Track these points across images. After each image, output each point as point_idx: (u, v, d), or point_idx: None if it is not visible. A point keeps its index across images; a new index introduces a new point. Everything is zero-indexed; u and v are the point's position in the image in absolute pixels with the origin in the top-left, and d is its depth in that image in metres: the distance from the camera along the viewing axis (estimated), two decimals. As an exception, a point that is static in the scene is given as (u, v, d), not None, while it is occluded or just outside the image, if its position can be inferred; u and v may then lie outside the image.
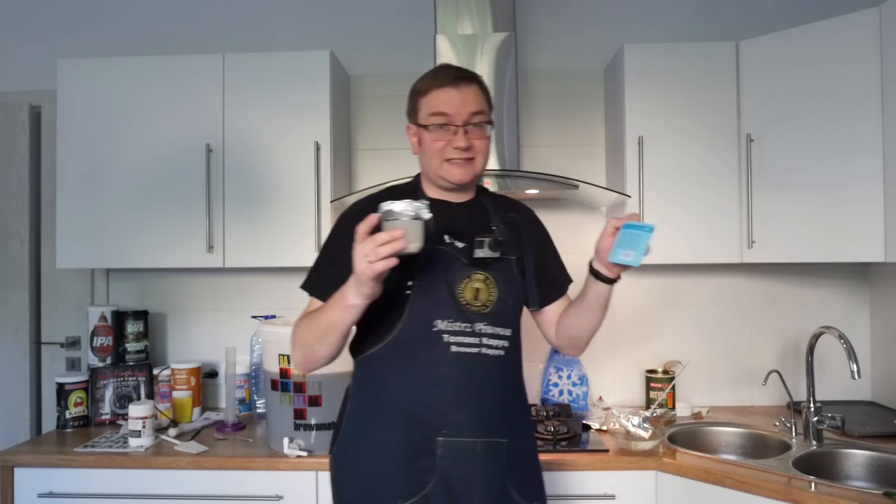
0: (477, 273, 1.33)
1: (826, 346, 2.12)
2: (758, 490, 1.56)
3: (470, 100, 1.33)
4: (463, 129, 1.31)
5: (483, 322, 1.31)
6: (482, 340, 1.31)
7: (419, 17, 2.41)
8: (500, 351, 1.33)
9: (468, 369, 1.30)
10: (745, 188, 2.03)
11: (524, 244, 1.42)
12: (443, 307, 1.30)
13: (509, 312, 1.35)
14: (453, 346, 1.29)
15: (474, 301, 1.32)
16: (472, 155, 1.33)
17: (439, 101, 1.33)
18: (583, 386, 2.30)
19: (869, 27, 1.82)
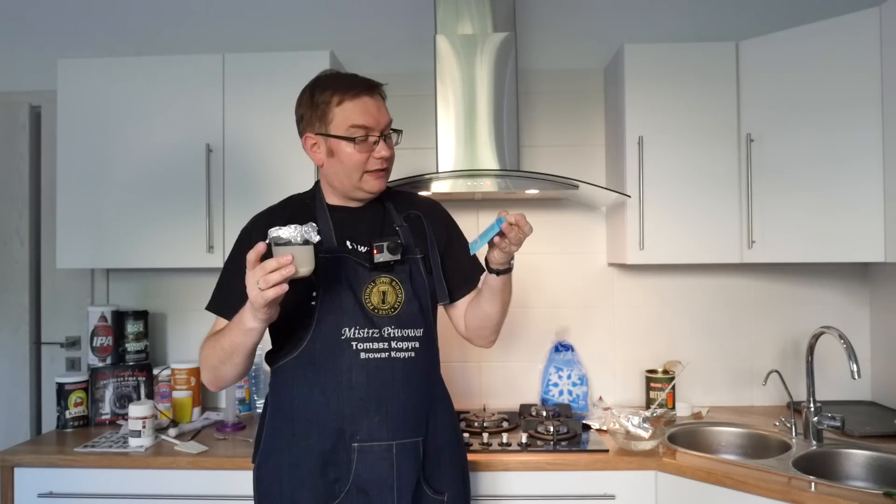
0: (381, 277, 1.34)
1: (826, 346, 2.12)
2: (758, 490, 1.56)
3: (384, 109, 1.37)
4: (383, 139, 1.34)
5: (391, 325, 1.32)
6: (391, 345, 1.32)
7: (419, 17, 2.41)
8: (411, 353, 1.34)
9: (378, 374, 1.31)
10: (745, 188, 2.03)
11: (428, 240, 1.42)
12: (349, 314, 1.31)
13: (419, 312, 1.36)
14: (362, 352, 1.30)
15: (382, 305, 1.33)
16: (388, 165, 1.38)
17: (358, 111, 1.32)
18: (583, 386, 2.30)
19: (869, 27, 1.82)
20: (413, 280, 1.37)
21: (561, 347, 2.34)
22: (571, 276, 2.41)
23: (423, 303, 1.37)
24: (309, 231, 1.15)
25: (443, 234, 1.47)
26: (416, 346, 1.34)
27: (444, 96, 2.13)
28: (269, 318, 1.17)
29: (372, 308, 1.32)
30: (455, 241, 1.49)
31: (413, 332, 1.34)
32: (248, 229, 1.43)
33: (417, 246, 1.39)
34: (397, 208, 1.45)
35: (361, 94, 1.32)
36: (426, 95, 2.35)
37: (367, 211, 1.42)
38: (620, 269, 2.41)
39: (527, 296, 2.39)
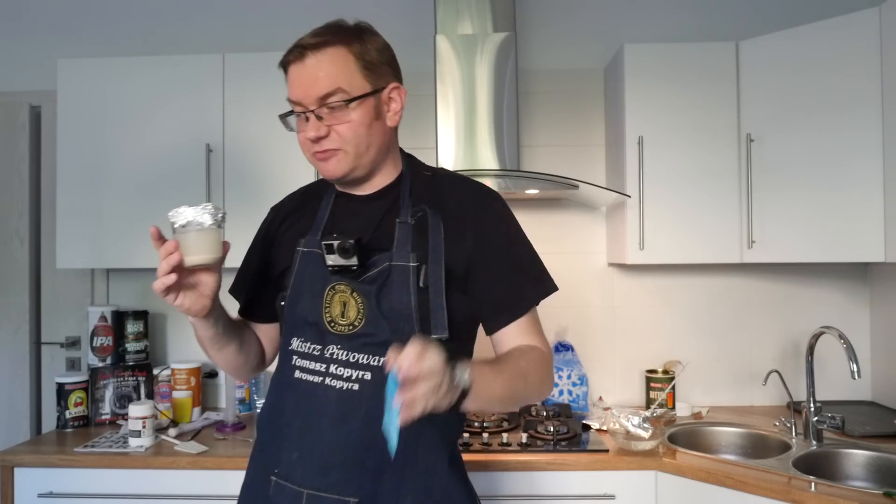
0: (341, 284, 1.08)
1: (826, 346, 2.12)
2: (758, 490, 1.56)
3: (321, 75, 1.05)
4: (315, 115, 1.06)
5: (338, 345, 1.06)
6: (328, 368, 1.06)
7: (419, 17, 2.41)
8: (354, 385, 1.04)
9: (306, 401, 1.07)
10: (745, 188, 2.03)
11: (431, 245, 1.08)
12: (301, 323, 1.11)
13: (387, 336, 1.03)
14: (297, 370, 1.09)
15: (341, 318, 1.07)
16: (337, 144, 1.07)
17: (291, 83, 1.10)
18: (583, 386, 2.29)
19: (869, 27, 1.82)
20: (386, 295, 1.05)
21: (561, 347, 2.34)
22: (571, 276, 2.41)
23: (400, 327, 1.04)
24: (201, 213, 0.98)
25: (465, 241, 1.10)
26: (365, 377, 1.04)
27: (444, 96, 2.13)
28: (193, 312, 1.03)
29: (329, 320, 1.08)
30: (491, 253, 1.11)
31: (367, 360, 1.05)
32: (267, 217, 1.31)
33: (415, 251, 1.07)
34: (416, 196, 1.14)
35: (293, 60, 1.08)
36: (426, 95, 2.35)
37: (375, 201, 1.16)
38: (620, 269, 2.41)
39: (527, 296, 2.39)
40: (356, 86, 1.07)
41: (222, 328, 1.12)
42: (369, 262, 1.07)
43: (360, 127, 1.07)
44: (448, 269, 1.07)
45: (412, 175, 1.18)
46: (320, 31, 1.09)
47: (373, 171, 1.14)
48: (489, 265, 1.10)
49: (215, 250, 1.01)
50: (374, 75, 1.09)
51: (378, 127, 1.10)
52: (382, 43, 1.16)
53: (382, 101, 1.11)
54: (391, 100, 1.13)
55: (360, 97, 1.07)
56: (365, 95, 1.07)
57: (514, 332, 1.12)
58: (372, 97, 1.08)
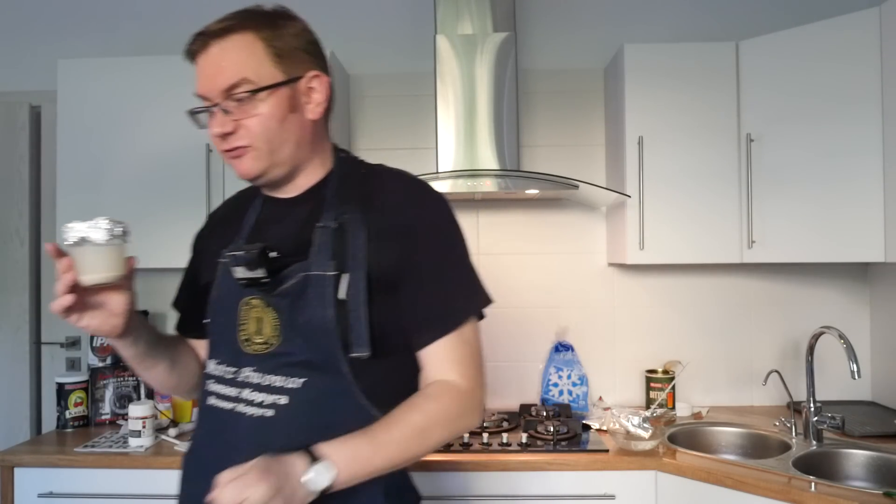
0: (254, 299, 0.98)
1: (826, 346, 2.12)
2: (758, 490, 1.56)
3: (224, 65, 0.96)
4: (221, 109, 0.97)
5: (252, 367, 0.96)
6: (241, 393, 0.96)
7: (419, 17, 2.41)
8: (268, 410, 0.93)
9: (217, 430, 0.97)
10: (745, 188, 2.03)
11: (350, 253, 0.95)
12: (218, 342, 1.02)
13: (305, 355, 0.94)
14: (211, 396, 1.00)
15: (256, 336, 0.97)
16: (247, 142, 0.97)
17: (196, 75, 1.00)
18: (583, 386, 2.30)
19: (869, 27, 1.82)
20: (302, 309, 0.94)
21: (561, 347, 2.34)
22: (571, 276, 2.41)
23: (318, 344, 0.93)
24: (93, 229, 0.89)
25: (395, 246, 0.97)
26: (280, 402, 0.93)
27: (444, 96, 2.13)
28: (103, 332, 0.95)
29: (245, 339, 0.98)
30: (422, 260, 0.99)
31: (282, 383, 0.94)
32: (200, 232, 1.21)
33: (336, 259, 0.95)
34: (342, 198, 1.01)
35: (196, 51, 0.99)
36: (426, 95, 2.35)
37: (299, 205, 1.04)
38: (620, 269, 2.41)
39: (527, 296, 2.39)
40: (265, 75, 0.96)
41: (145, 346, 1.03)
42: (284, 273, 0.96)
43: (271, 121, 0.96)
44: (374, 278, 0.95)
45: (342, 174, 1.06)
46: (226, 16, 0.99)
47: (294, 170, 1.03)
48: (419, 274, 0.98)
49: (114, 268, 0.91)
50: (287, 63, 0.98)
51: (294, 121, 0.99)
52: (301, 28, 1.02)
53: (300, 91, 1.00)
54: (311, 90, 1.01)
55: (269, 87, 0.95)
56: (276, 85, 0.96)
57: (439, 352, 0.99)
58: (285, 87, 0.97)
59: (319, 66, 1.03)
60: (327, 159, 1.08)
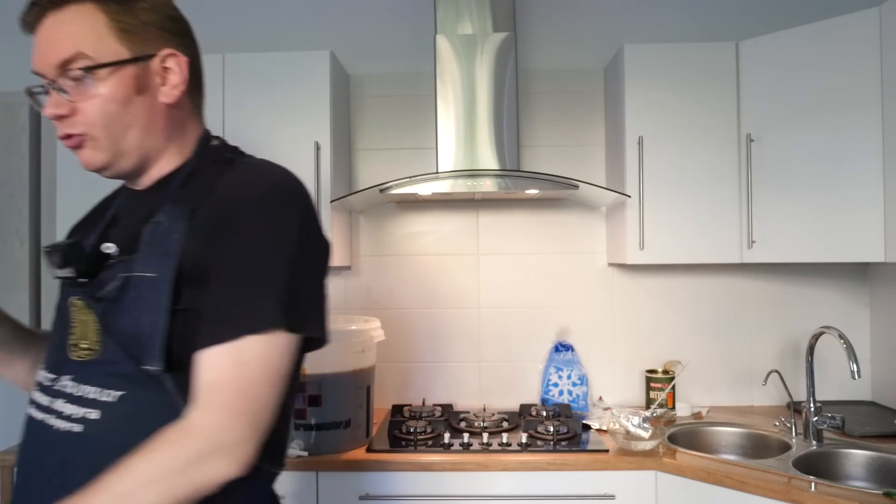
0: (77, 299, 0.87)
1: (826, 346, 2.12)
2: (758, 490, 1.56)
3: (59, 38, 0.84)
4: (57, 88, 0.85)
5: (71, 375, 0.85)
6: (53, 403, 0.84)
7: (419, 17, 2.41)
8: (77, 425, 0.81)
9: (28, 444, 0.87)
10: (745, 188, 2.03)
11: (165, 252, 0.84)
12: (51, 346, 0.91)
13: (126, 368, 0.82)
14: (31, 406, 0.89)
15: (83, 342, 0.85)
16: (83, 129, 0.87)
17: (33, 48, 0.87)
18: (583, 386, 2.30)
19: (869, 27, 1.82)
20: (120, 314, 0.83)
21: (561, 347, 2.35)
22: (571, 276, 2.41)
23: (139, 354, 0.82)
24: None
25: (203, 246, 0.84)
26: (92, 417, 0.81)
27: (444, 96, 2.13)
28: None
29: (73, 343, 0.86)
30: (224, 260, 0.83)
31: (97, 396, 0.82)
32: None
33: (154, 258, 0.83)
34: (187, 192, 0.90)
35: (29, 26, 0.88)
36: (426, 95, 2.35)
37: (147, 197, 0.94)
38: (620, 269, 2.41)
39: (527, 296, 2.39)
40: (106, 51, 0.84)
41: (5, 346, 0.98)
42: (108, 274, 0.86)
43: (111, 104, 0.85)
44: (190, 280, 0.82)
45: (199, 163, 0.93)
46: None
47: (146, 161, 0.92)
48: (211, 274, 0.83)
49: None
50: (135, 39, 0.87)
51: (142, 105, 0.88)
52: (158, 2, 0.91)
53: (152, 71, 0.89)
54: (167, 70, 0.90)
55: (110, 65, 0.84)
56: (117, 63, 0.85)
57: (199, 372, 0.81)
58: (131, 66, 0.86)
59: (179, 45, 0.92)
60: (187, 148, 0.96)
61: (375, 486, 1.77)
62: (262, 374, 0.81)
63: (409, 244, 2.42)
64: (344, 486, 1.77)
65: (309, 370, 1.79)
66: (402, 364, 2.41)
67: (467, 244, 2.41)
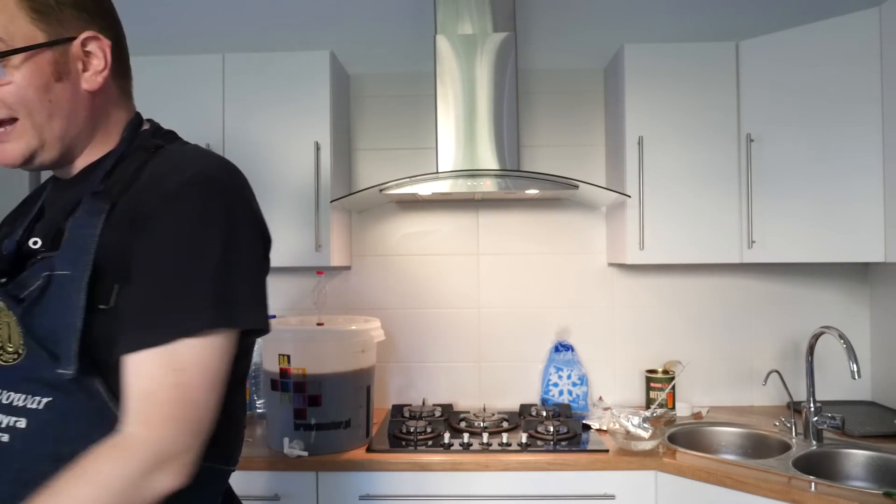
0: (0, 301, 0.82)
1: (826, 346, 2.12)
2: (758, 490, 1.56)
3: None
4: None
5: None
6: None
7: (419, 17, 2.41)
8: (4, 435, 0.78)
9: None
10: (745, 188, 2.03)
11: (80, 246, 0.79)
12: None
13: (49, 374, 0.77)
14: None
15: (8, 344, 0.81)
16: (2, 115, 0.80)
17: None
18: (583, 386, 2.30)
19: (869, 27, 1.82)
20: (41, 315, 0.78)
21: (561, 347, 2.35)
22: (571, 276, 2.41)
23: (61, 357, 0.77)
24: None
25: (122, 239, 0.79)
26: (20, 426, 0.77)
27: (444, 96, 2.13)
28: None
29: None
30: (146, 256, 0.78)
31: (23, 402, 0.78)
32: None
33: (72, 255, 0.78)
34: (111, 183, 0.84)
35: None
36: (426, 95, 2.35)
37: (71, 186, 0.88)
38: (620, 269, 2.41)
39: (527, 296, 2.39)
40: (17, 35, 0.79)
41: None
42: (31, 272, 0.80)
43: (29, 90, 0.79)
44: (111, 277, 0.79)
45: (125, 151, 0.88)
46: None
47: (70, 151, 0.86)
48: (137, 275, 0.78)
49: None
50: (50, 21, 0.81)
51: (62, 92, 0.82)
52: None
53: (72, 56, 0.83)
54: (89, 55, 0.84)
55: (22, 50, 0.78)
56: (33, 48, 0.79)
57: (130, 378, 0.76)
58: (48, 51, 0.80)
59: (100, 27, 0.85)
60: (115, 135, 0.90)
61: (375, 486, 1.77)
62: (200, 378, 0.76)
63: (410, 244, 2.42)
64: (344, 486, 1.78)
65: (309, 370, 1.79)
66: (402, 364, 2.41)
67: (467, 244, 2.41)
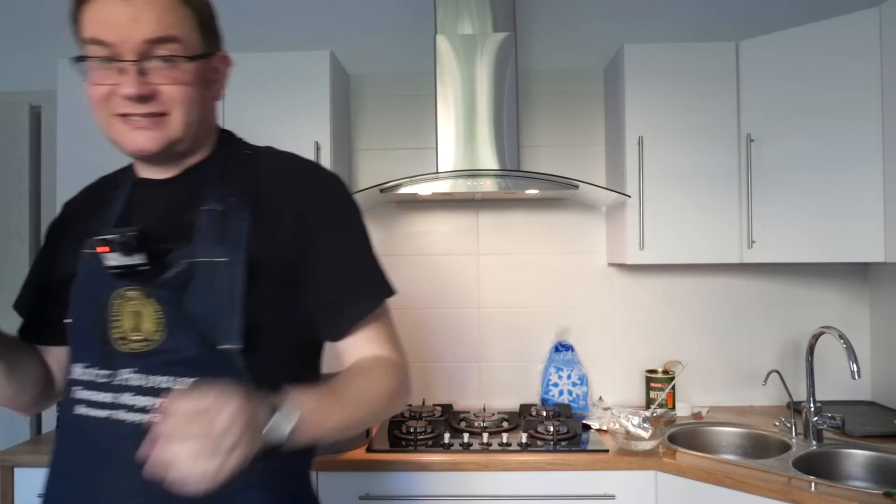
0: (131, 290, 0.86)
1: (826, 346, 2.12)
2: (758, 490, 1.56)
3: (149, 17, 0.84)
4: (136, 66, 0.85)
5: (133, 368, 0.85)
6: (118, 398, 0.85)
7: (419, 17, 2.41)
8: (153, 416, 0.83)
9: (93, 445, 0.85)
10: (745, 188, 2.03)
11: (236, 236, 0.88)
12: (83, 344, 0.89)
13: (197, 353, 0.84)
14: (80, 405, 0.87)
15: (134, 333, 0.86)
16: (162, 108, 0.88)
17: (96, 18, 0.87)
18: (583, 386, 2.30)
19: (869, 27, 1.82)
20: (191, 299, 0.85)
21: (561, 347, 2.35)
22: (571, 276, 2.41)
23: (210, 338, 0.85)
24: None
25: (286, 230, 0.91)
26: None
27: (444, 96, 2.13)
28: None
29: (119, 337, 0.86)
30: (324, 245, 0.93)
31: (169, 384, 0.84)
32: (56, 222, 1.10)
33: (224, 244, 0.87)
34: (227, 178, 0.94)
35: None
36: (426, 95, 2.35)
37: (179, 184, 0.96)
38: (620, 269, 2.41)
39: (527, 296, 2.39)
40: (192, 43, 0.88)
41: None
42: (165, 261, 0.87)
43: (189, 90, 0.88)
44: (261, 264, 0.87)
45: (225, 154, 0.99)
46: None
47: (192, 148, 0.96)
48: (322, 259, 0.92)
49: None
50: (208, 36, 0.93)
51: (205, 97, 0.94)
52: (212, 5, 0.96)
53: (212, 69, 0.95)
54: (216, 70, 0.97)
55: (200, 57, 0.89)
56: (203, 56, 0.90)
57: (361, 338, 0.94)
58: (206, 60, 0.92)
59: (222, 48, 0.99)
60: (211, 141, 1.00)
61: (375, 486, 1.77)
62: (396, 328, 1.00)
63: (409, 244, 2.42)
64: (344, 486, 1.78)
65: (309, 370, 1.79)
66: (402, 364, 2.40)
67: (467, 244, 2.41)
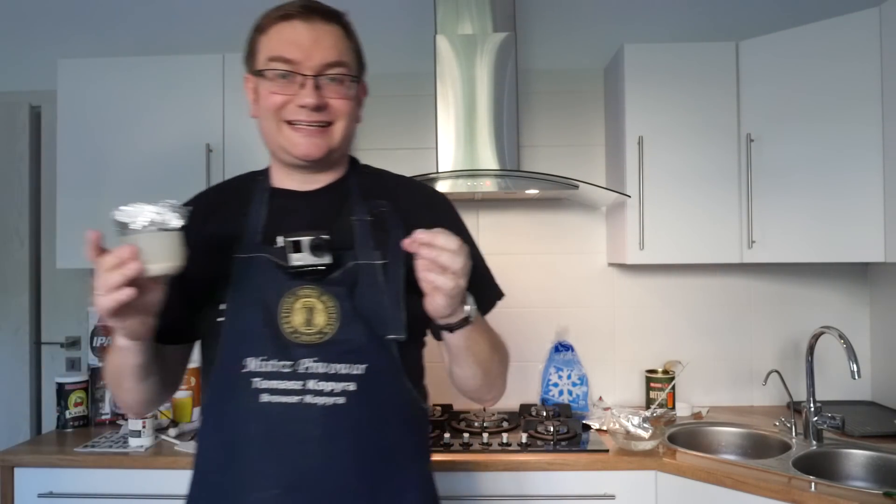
0: (305, 288, 0.98)
1: (826, 346, 2.12)
2: (758, 490, 1.56)
3: (326, 43, 1.01)
4: (314, 80, 0.99)
5: (313, 358, 0.96)
6: (306, 385, 0.96)
7: (419, 17, 2.41)
8: (339, 398, 0.96)
9: (283, 427, 0.95)
10: (745, 188, 2.03)
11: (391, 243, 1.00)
12: (255, 339, 0.98)
13: (365, 342, 0.98)
14: (263, 393, 0.96)
15: (306, 328, 0.97)
16: (329, 118, 1.02)
17: (281, 39, 1.01)
18: (583, 386, 2.30)
19: (869, 27, 1.82)
20: (359, 296, 0.98)
21: (561, 347, 2.35)
22: (571, 276, 2.41)
23: (374, 329, 0.98)
24: (164, 211, 0.84)
25: None
26: (349, 388, 0.96)
27: (444, 96, 2.13)
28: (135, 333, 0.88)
29: (291, 332, 0.97)
30: None
31: (347, 370, 0.96)
32: None
33: (378, 249, 1.01)
34: (366, 194, 1.08)
35: (292, 17, 1.01)
36: (426, 95, 2.35)
37: (322, 196, 1.08)
38: (620, 269, 2.41)
39: (527, 296, 2.39)
40: (353, 68, 1.06)
41: (151, 354, 0.96)
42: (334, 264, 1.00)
43: (354, 108, 1.06)
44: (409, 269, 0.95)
45: (359, 173, 1.14)
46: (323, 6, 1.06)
47: (338, 161, 1.10)
48: None
49: (180, 256, 0.85)
50: (360, 65, 1.10)
51: (357, 115, 1.09)
52: None
53: (362, 92, 1.12)
54: (363, 95, 1.13)
55: (359, 78, 1.08)
56: (360, 78, 1.08)
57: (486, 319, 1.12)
58: (359, 84, 1.09)
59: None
60: (346, 161, 1.14)
61: (375, 486, 1.77)
62: None
63: (409, 244, 2.42)
64: (344, 486, 1.77)
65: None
66: (402, 364, 2.40)
67: (467, 244, 2.40)
